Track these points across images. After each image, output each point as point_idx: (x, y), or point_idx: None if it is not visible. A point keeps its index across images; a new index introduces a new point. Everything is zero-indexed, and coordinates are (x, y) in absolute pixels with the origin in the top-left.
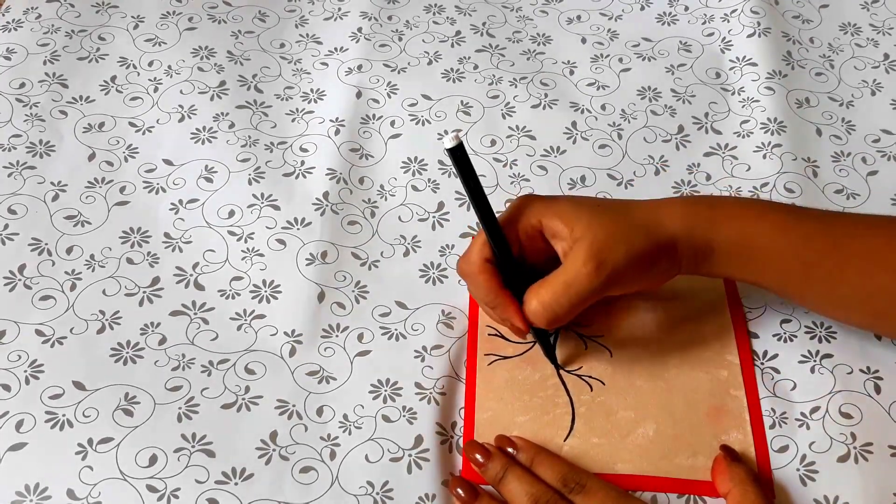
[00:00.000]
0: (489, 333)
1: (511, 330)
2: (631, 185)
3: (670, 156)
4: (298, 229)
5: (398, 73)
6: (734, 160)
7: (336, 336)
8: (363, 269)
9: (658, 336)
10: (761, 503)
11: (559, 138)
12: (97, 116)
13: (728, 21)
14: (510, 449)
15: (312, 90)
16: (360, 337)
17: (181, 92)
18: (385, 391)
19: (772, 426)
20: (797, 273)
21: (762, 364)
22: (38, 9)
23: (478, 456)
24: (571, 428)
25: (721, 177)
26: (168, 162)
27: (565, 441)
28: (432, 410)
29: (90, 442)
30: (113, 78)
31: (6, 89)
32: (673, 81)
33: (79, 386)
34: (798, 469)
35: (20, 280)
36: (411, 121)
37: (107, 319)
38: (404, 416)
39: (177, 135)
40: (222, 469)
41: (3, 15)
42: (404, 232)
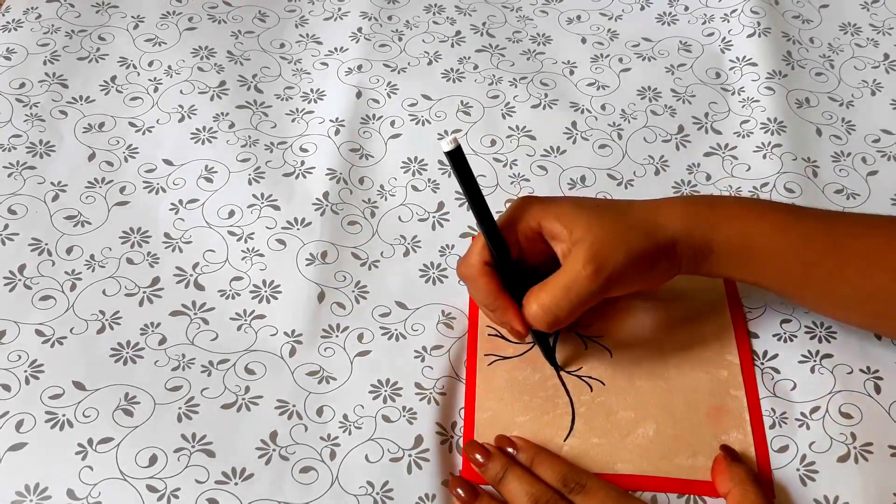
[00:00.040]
0: (489, 334)
1: (510, 333)
2: (631, 186)
3: (670, 156)
4: (298, 229)
5: (398, 73)
6: (734, 160)
7: (336, 336)
8: (363, 269)
9: (658, 336)
10: (761, 503)
11: (559, 138)
12: (97, 116)
13: (728, 21)
14: (510, 449)
15: (312, 90)
16: (360, 337)
17: (181, 92)
18: (385, 391)
19: (772, 426)
20: (797, 273)
21: (762, 364)
22: (38, 9)
23: (478, 456)
24: (571, 428)
25: (721, 177)
26: (168, 162)
27: (565, 441)
28: (432, 410)
29: (90, 442)
30: (113, 78)
31: (6, 89)
32: (673, 81)
33: (79, 386)
34: (798, 469)
35: (20, 280)
36: (411, 121)
37: (107, 319)
38: (404, 416)
39: (177, 135)
40: (222, 469)
41: (3, 15)
42: (404, 232)
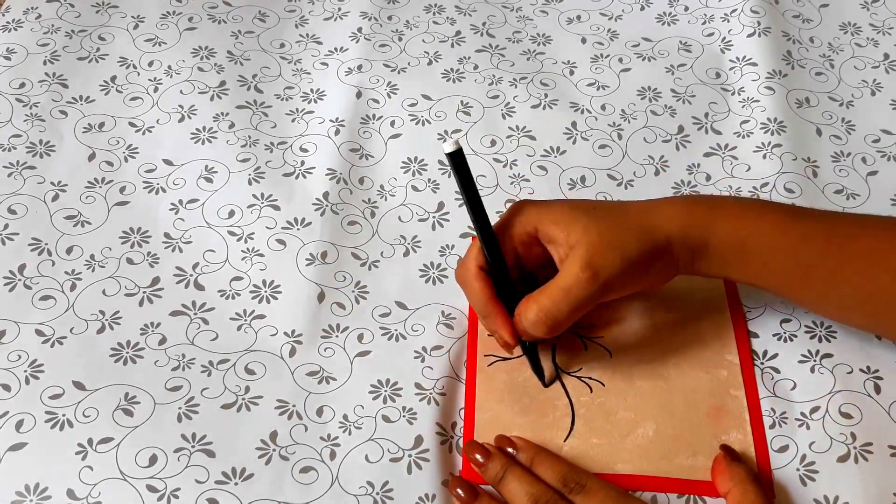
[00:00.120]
0: (489, 335)
1: (498, 342)
2: (631, 186)
3: (670, 156)
4: (298, 229)
5: (398, 74)
6: (734, 160)
7: (336, 336)
8: (363, 270)
9: (658, 336)
10: (761, 503)
11: (559, 138)
12: (97, 116)
13: (728, 21)
14: (510, 449)
15: (312, 90)
16: (360, 337)
17: (181, 92)
18: (385, 391)
19: (772, 426)
20: (796, 273)
21: (762, 364)
22: (38, 9)
23: (478, 456)
24: (571, 429)
25: (721, 177)
26: (168, 162)
27: (565, 442)
28: (432, 411)
29: (90, 442)
30: (113, 78)
31: (6, 89)
32: (673, 81)
33: (79, 386)
34: (798, 469)
35: (20, 280)
36: (411, 121)
37: (107, 319)
38: (404, 417)
39: (177, 135)
40: (222, 469)
41: (3, 15)
42: (404, 232)
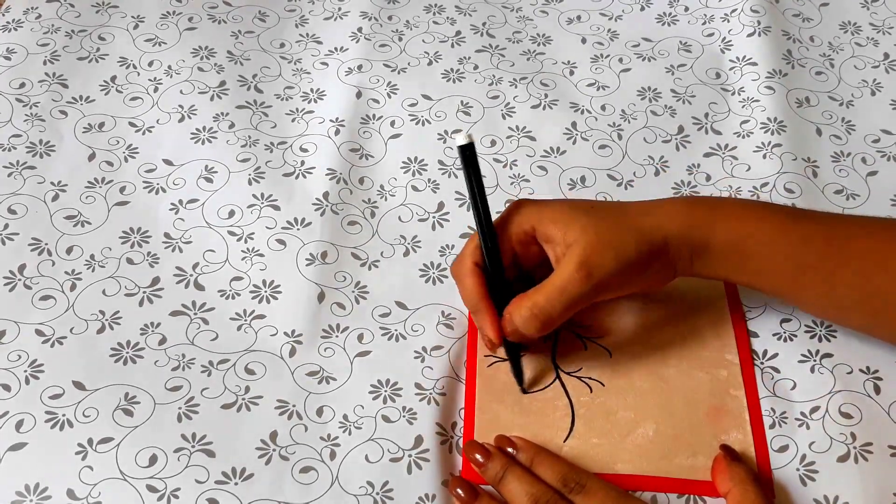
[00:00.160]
0: None
1: (483, 341)
2: (631, 186)
3: (670, 156)
4: (298, 229)
5: (398, 74)
6: (734, 160)
7: (336, 336)
8: (363, 270)
9: (658, 336)
10: (761, 503)
11: (559, 139)
12: (97, 116)
13: (728, 21)
14: (510, 449)
15: (312, 90)
16: (360, 337)
17: (181, 92)
18: (385, 391)
19: (772, 426)
20: (795, 273)
21: (762, 364)
22: (38, 9)
23: (478, 456)
24: (571, 429)
25: (721, 177)
26: (168, 162)
27: (565, 442)
28: (432, 411)
29: (90, 442)
30: (113, 78)
31: (6, 89)
32: (673, 82)
33: (79, 386)
34: (798, 469)
35: (20, 280)
36: (411, 121)
37: (107, 319)
38: (404, 417)
39: (177, 135)
40: (222, 469)
41: (3, 15)
42: (404, 232)
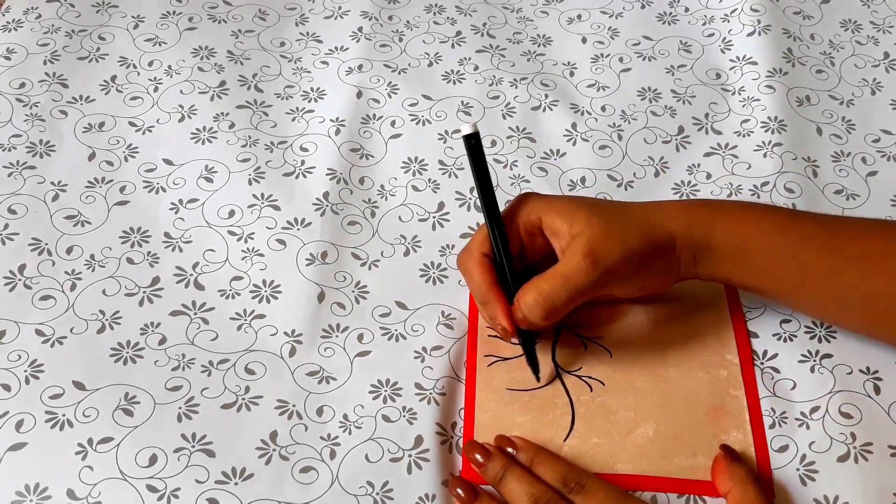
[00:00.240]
0: (489, 335)
1: (497, 330)
2: (631, 187)
3: (670, 157)
4: (298, 229)
5: (398, 74)
6: (734, 159)
7: (336, 336)
8: (363, 269)
9: (658, 336)
10: (761, 503)
11: (559, 139)
12: (97, 116)
13: (728, 21)
14: (510, 449)
15: (313, 89)
16: (360, 337)
17: (181, 92)
18: (385, 391)
19: (772, 426)
20: (795, 274)
21: (762, 364)
22: (38, 9)
23: (478, 456)
24: (571, 428)
25: (721, 175)
26: (168, 162)
27: (565, 441)
28: (432, 411)
29: (90, 442)
30: (113, 78)
31: (6, 89)
32: (673, 82)
33: (79, 386)
34: (798, 469)
35: (20, 280)
36: (412, 121)
37: (107, 319)
38: (404, 417)
39: (177, 135)
40: (222, 469)
41: (3, 15)
42: (404, 232)
